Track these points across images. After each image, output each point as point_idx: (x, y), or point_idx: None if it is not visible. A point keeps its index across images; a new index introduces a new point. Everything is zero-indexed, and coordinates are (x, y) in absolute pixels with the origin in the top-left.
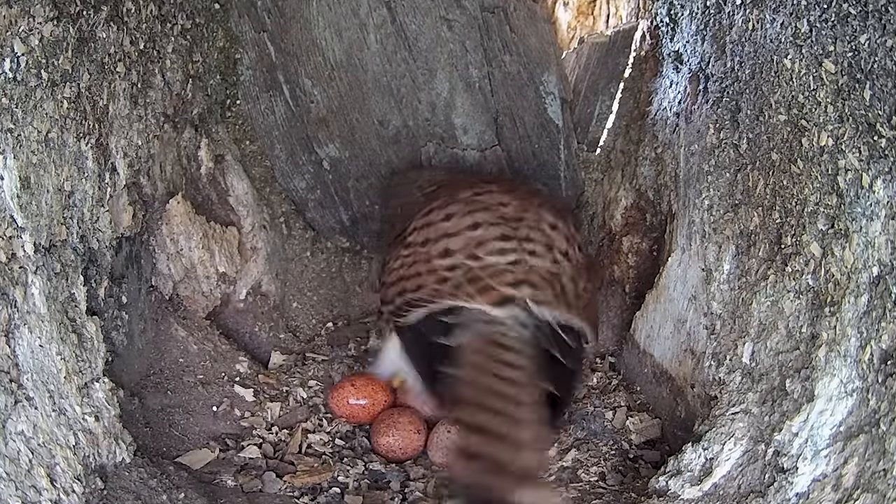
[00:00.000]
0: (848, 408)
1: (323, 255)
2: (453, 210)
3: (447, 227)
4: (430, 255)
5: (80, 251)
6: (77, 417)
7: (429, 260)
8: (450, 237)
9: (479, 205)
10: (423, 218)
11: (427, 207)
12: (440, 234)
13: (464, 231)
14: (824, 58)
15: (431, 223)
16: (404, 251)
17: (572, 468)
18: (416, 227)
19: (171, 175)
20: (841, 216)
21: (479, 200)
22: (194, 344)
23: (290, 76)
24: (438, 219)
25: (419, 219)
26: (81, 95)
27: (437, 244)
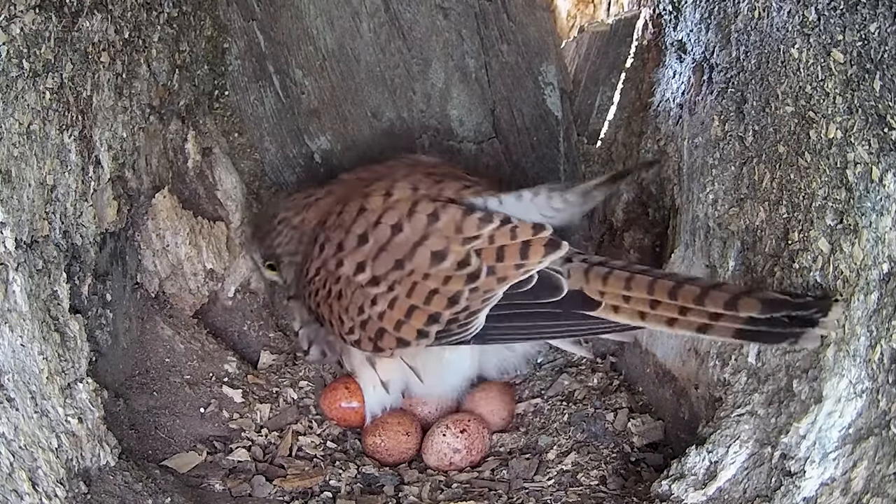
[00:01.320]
0: (857, 409)
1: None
2: (359, 228)
3: (383, 244)
4: (414, 273)
5: (62, 247)
6: (60, 419)
7: (424, 276)
8: (397, 249)
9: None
10: (329, 252)
11: (317, 241)
12: (391, 254)
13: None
14: (833, 47)
15: (354, 249)
16: (367, 289)
17: (572, 472)
18: (339, 262)
19: (157, 168)
20: (850, 211)
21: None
22: (181, 343)
23: (281, 66)
24: (354, 244)
25: (321, 256)
26: (64, 86)
27: (408, 263)
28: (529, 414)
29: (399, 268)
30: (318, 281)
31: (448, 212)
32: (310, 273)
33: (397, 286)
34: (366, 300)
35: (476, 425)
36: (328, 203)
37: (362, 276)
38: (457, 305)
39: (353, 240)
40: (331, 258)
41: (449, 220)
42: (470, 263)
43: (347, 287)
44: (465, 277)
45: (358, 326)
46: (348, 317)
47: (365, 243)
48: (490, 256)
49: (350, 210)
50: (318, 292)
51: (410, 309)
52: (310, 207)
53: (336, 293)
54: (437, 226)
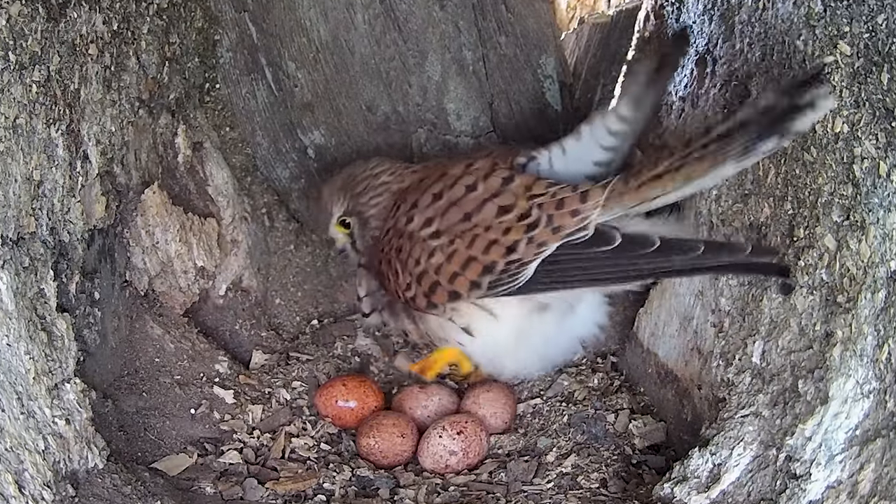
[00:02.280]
0: (864, 410)
1: (307, 248)
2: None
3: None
4: (478, 225)
5: (49, 244)
6: (47, 420)
7: (486, 228)
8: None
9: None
10: (402, 210)
11: (396, 204)
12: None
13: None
14: (839, 39)
15: (426, 207)
16: (428, 242)
17: (572, 474)
18: (409, 218)
19: (147, 163)
20: (857, 207)
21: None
22: (171, 342)
23: (273, 59)
24: (428, 201)
25: (395, 216)
26: (51, 79)
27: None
28: (528, 415)
29: (465, 220)
30: (386, 240)
31: (522, 176)
32: (384, 232)
33: (458, 239)
34: (423, 252)
35: (474, 427)
36: (420, 173)
37: (427, 230)
38: (513, 254)
39: (428, 198)
40: (402, 215)
41: (520, 182)
42: (531, 214)
43: (410, 241)
44: (525, 227)
45: (414, 280)
46: (406, 271)
47: (438, 200)
48: (550, 206)
49: (432, 175)
50: (384, 250)
51: (467, 261)
52: (407, 177)
53: (397, 247)
54: (509, 186)
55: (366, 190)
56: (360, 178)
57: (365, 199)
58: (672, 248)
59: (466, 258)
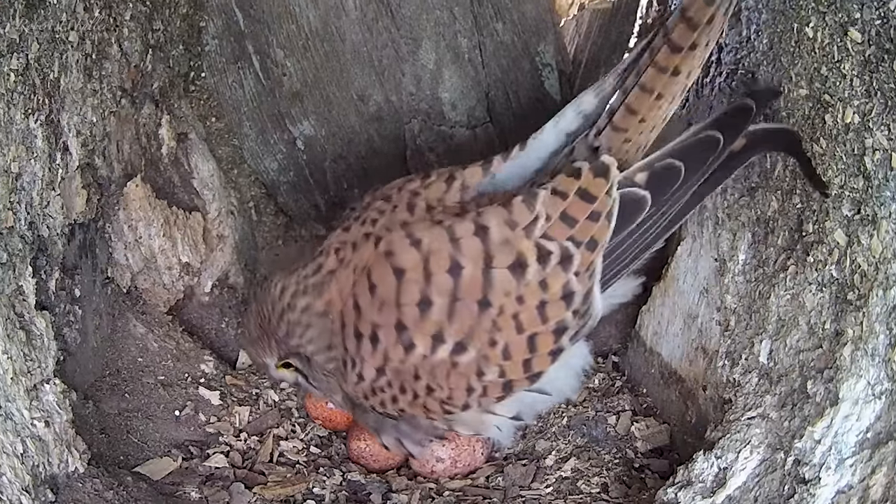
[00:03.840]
0: (876, 412)
1: (296, 243)
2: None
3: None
4: (506, 304)
5: (28, 239)
6: (25, 423)
7: (519, 299)
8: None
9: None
10: (388, 341)
11: (359, 333)
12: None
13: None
14: (850, 26)
15: (419, 321)
16: (460, 363)
17: (572, 479)
18: (407, 347)
19: (129, 155)
20: (868, 200)
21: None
22: (154, 341)
23: (261, 46)
24: (416, 315)
25: (378, 351)
26: (30, 67)
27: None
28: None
29: (485, 308)
30: (389, 382)
31: (490, 215)
32: (366, 376)
33: (499, 334)
34: (468, 376)
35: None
36: (347, 275)
37: (444, 349)
38: (573, 299)
39: (413, 311)
40: (393, 346)
41: (498, 223)
42: (551, 251)
43: (435, 373)
44: (560, 268)
45: (476, 399)
46: (454, 403)
47: (429, 308)
48: (562, 231)
49: (384, 278)
50: (395, 398)
51: (531, 339)
52: (329, 284)
53: (424, 389)
54: (491, 237)
55: (290, 329)
56: (275, 318)
57: (295, 341)
58: (696, 153)
59: (528, 340)
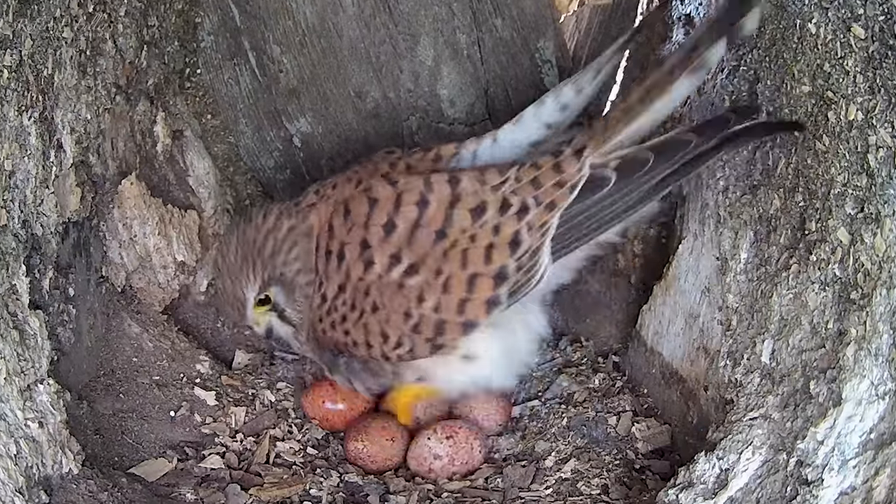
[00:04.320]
0: (879, 413)
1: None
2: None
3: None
4: (459, 239)
5: (21, 237)
6: (19, 423)
7: (471, 238)
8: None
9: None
10: (351, 256)
11: (330, 252)
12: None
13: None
14: (853, 22)
15: (382, 241)
16: (408, 284)
17: (571, 480)
18: (367, 263)
19: (124, 153)
20: (871, 199)
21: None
22: (149, 341)
23: (257, 42)
24: (380, 235)
25: (343, 266)
26: (23, 64)
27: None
28: (526, 418)
29: (441, 239)
30: (344, 300)
31: (465, 173)
32: (328, 295)
33: (445, 264)
34: (409, 298)
35: (466, 435)
36: (328, 207)
37: (398, 270)
38: (519, 248)
39: (378, 231)
40: (355, 262)
41: (470, 178)
42: (511, 203)
43: (383, 292)
44: (515, 217)
45: (408, 334)
46: (393, 328)
47: (393, 230)
48: (527, 190)
49: (359, 206)
50: (346, 317)
51: (471, 279)
52: (311, 212)
53: (370, 306)
54: (462, 186)
55: (276, 248)
56: (261, 239)
57: (281, 258)
58: (668, 149)
59: (469, 278)
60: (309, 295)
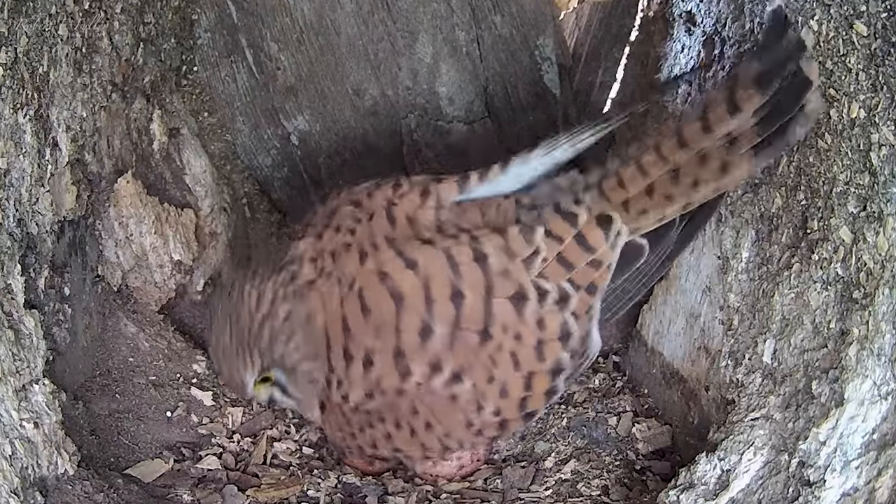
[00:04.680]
0: (882, 413)
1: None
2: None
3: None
4: (505, 339)
5: (16, 236)
6: (14, 424)
7: (516, 336)
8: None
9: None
10: (383, 365)
11: (347, 352)
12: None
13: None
14: (855, 19)
15: (419, 348)
16: (456, 393)
17: (571, 481)
18: (404, 373)
19: (120, 151)
20: (874, 197)
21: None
22: (146, 341)
23: (254, 39)
24: (416, 342)
25: (371, 374)
26: (18, 61)
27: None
28: None
29: (485, 341)
30: (377, 411)
31: (488, 240)
32: (352, 398)
33: (497, 370)
34: (467, 411)
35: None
36: (331, 288)
37: (441, 378)
38: (570, 339)
39: (413, 337)
40: (388, 372)
41: (496, 249)
42: (548, 290)
43: (433, 405)
44: (557, 307)
45: (471, 439)
46: (455, 439)
47: (430, 336)
48: (559, 273)
49: (380, 305)
50: (390, 436)
51: (528, 379)
52: (310, 294)
53: (422, 422)
54: (490, 264)
55: (274, 336)
56: (256, 328)
57: (279, 348)
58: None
59: (525, 379)
60: (314, 379)
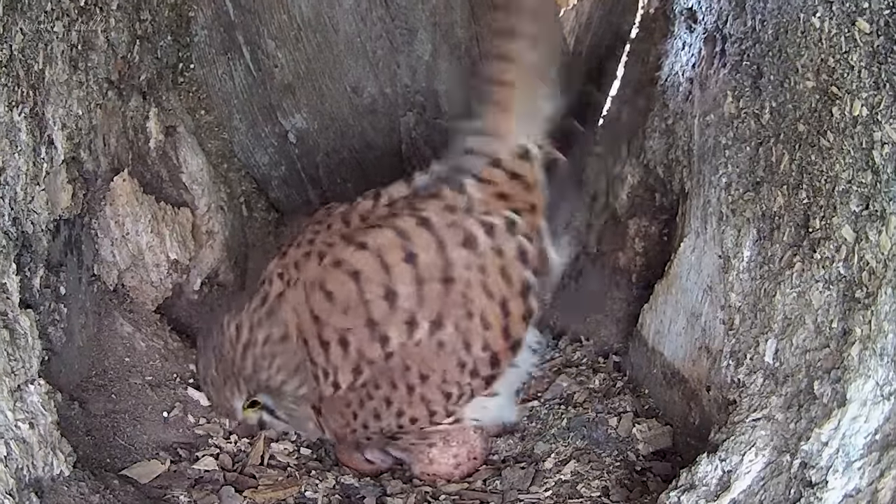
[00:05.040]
0: (885, 413)
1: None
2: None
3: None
4: (470, 273)
5: (12, 235)
6: (9, 424)
7: (480, 269)
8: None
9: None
10: (360, 339)
11: (325, 342)
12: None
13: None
14: (858, 15)
15: (388, 313)
16: (441, 338)
17: (571, 482)
18: (383, 339)
19: (116, 149)
20: (876, 195)
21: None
22: (142, 341)
23: (251, 37)
24: (384, 308)
25: (350, 354)
26: (14, 58)
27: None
28: (525, 418)
29: (450, 285)
30: (371, 386)
31: (426, 205)
32: (342, 382)
33: (473, 304)
34: (457, 350)
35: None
36: (297, 293)
37: (421, 332)
38: (528, 256)
39: (381, 305)
40: (368, 344)
41: (437, 211)
42: (494, 223)
43: (422, 357)
44: (508, 233)
45: (468, 382)
46: (452, 383)
47: (396, 298)
48: (499, 206)
49: (341, 285)
50: (388, 400)
51: (503, 304)
52: (280, 308)
53: (416, 377)
54: (434, 223)
55: (256, 364)
56: (238, 359)
57: (264, 374)
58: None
59: (500, 305)
60: (304, 396)
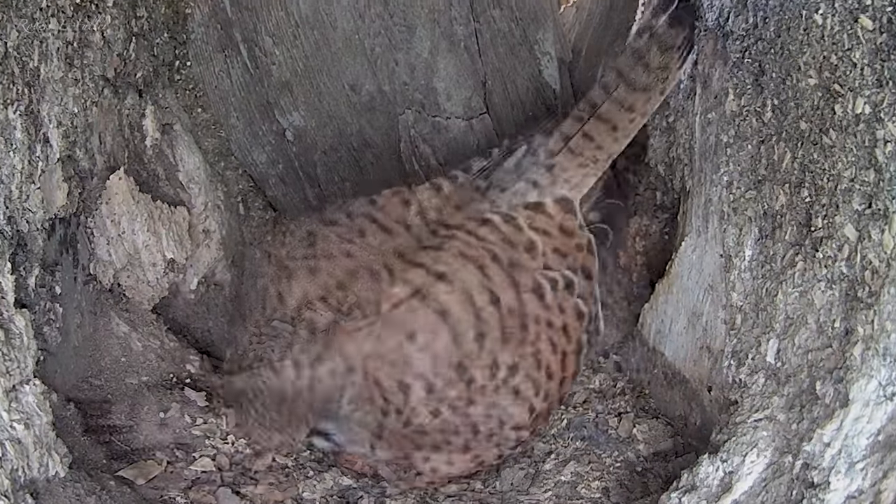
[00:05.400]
0: (888, 414)
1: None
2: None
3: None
4: (541, 328)
5: (7, 234)
6: (4, 425)
7: (548, 324)
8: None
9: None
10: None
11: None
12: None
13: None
14: (860, 13)
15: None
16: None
17: (571, 483)
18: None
19: (112, 147)
20: (879, 194)
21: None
22: (138, 341)
23: (249, 34)
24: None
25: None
26: (8, 56)
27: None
28: None
29: (524, 331)
30: (451, 426)
31: (495, 245)
32: (414, 422)
33: (541, 353)
34: (530, 398)
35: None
36: (356, 323)
37: (500, 375)
38: (584, 318)
39: (471, 347)
40: (453, 386)
41: (504, 250)
42: (556, 279)
43: (498, 400)
44: (566, 292)
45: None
46: (524, 428)
47: (484, 340)
48: (558, 262)
49: (424, 324)
50: (444, 445)
51: (563, 359)
52: (334, 339)
53: (496, 423)
54: (501, 259)
55: (325, 397)
56: (305, 394)
57: (332, 406)
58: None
59: (560, 360)
60: (364, 421)
